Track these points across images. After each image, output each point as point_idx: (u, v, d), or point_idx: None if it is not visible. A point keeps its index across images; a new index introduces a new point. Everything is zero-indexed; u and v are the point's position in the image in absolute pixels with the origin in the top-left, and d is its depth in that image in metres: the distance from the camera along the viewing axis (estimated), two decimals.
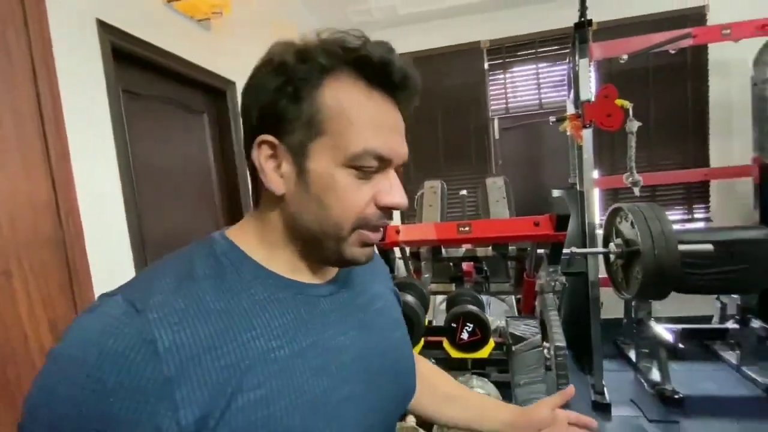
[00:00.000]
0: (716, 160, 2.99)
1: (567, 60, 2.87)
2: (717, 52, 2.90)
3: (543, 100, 3.26)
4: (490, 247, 1.86)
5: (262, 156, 0.41)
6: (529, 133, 3.32)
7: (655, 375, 2.36)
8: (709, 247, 1.60)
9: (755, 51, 2.59)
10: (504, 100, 3.33)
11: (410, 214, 3.50)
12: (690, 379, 2.43)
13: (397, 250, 1.75)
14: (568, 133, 2.73)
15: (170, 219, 1.61)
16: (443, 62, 3.36)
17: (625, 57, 2.30)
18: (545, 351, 1.18)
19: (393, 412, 0.51)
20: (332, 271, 0.49)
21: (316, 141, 0.40)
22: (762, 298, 2.53)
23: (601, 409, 2.18)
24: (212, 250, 0.42)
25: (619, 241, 1.72)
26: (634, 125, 2.05)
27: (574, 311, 2.29)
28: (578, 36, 2.24)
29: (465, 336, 1.13)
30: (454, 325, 1.14)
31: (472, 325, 1.12)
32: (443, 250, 1.89)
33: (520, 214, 2.17)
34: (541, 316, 1.89)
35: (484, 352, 1.15)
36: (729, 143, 2.98)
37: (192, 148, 1.78)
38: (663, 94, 3.04)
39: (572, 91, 2.52)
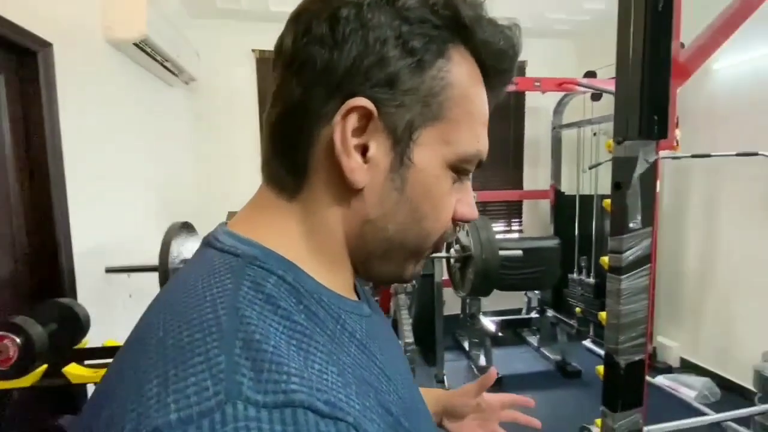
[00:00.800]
0: (528, 184, 3.78)
1: None
2: (531, 100, 3.68)
3: None
4: None
5: (348, 127, 0.27)
6: None
7: (482, 360, 2.82)
8: (519, 252, 2.01)
9: (555, 102, 3.40)
10: None
11: None
12: (506, 360, 2.98)
13: None
14: None
15: None
16: None
17: None
18: None
19: None
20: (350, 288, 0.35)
21: (429, 126, 0.29)
22: (554, 293, 3.29)
23: None
24: (261, 285, 0.25)
25: (458, 247, 2.00)
26: None
27: (422, 309, 2.55)
28: None
29: None
30: None
31: None
32: None
33: None
34: (395, 316, 2.05)
35: None
36: (536, 172, 3.80)
37: None
38: (494, 127, 3.68)
39: None
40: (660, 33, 0.95)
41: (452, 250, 2.05)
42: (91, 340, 1.26)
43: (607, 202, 1.09)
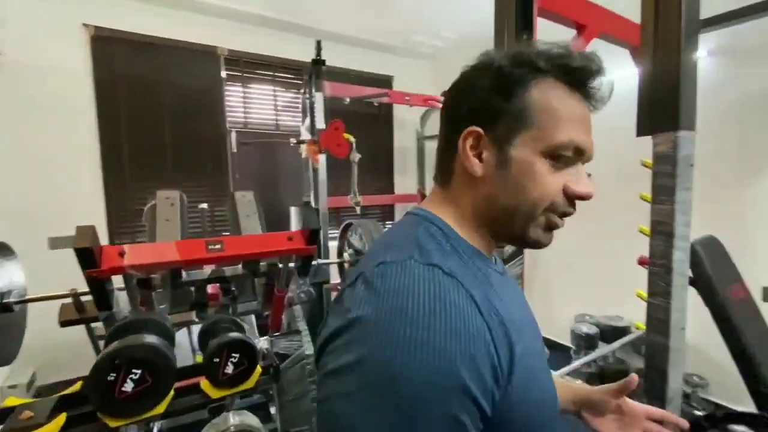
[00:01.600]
0: (399, 189, 4.11)
1: (303, 91, 3.17)
2: (399, 111, 4.01)
3: (279, 122, 3.43)
4: (240, 266, 1.75)
5: (467, 144, 0.47)
6: (265, 150, 3.40)
7: None
8: None
9: (419, 115, 3.79)
10: (243, 114, 3.26)
11: (135, 230, 2.81)
12: None
13: (116, 279, 1.34)
14: (303, 155, 2.99)
15: None
16: (178, 56, 2.94)
17: (348, 99, 2.79)
18: None
19: None
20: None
21: (522, 132, 0.45)
22: None
23: None
24: (429, 229, 0.47)
25: (351, 251, 2.03)
26: (356, 156, 2.50)
27: (311, 317, 2.50)
28: (314, 71, 2.52)
29: (230, 369, 1.00)
30: (216, 360, 0.98)
31: (237, 355, 1.00)
32: (184, 273, 1.61)
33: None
34: (289, 328, 1.95)
35: (250, 382, 1.05)
36: (405, 178, 4.15)
37: None
38: (368, 135, 3.89)
39: (307, 119, 2.80)
40: None
41: (345, 254, 2.07)
42: None
43: None
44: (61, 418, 0.83)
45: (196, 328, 1.72)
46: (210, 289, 1.73)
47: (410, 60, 4.03)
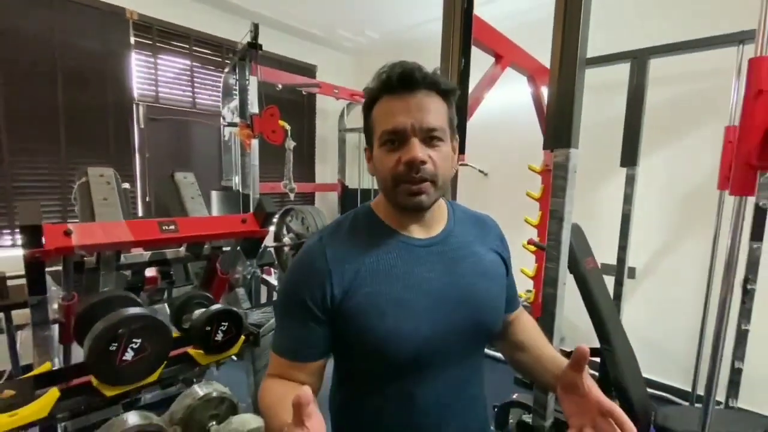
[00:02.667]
0: (319, 178, 4.21)
1: (226, 70, 3.04)
2: (321, 102, 4.09)
3: (197, 100, 3.22)
4: (183, 248, 1.71)
5: (366, 155, 0.69)
6: (180, 129, 3.17)
7: None
8: None
9: (341, 108, 3.93)
10: (154, 88, 2.98)
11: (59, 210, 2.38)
12: None
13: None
14: (226, 138, 2.90)
15: None
16: (76, 14, 2.55)
17: (280, 86, 2.81)
18: None
19: (467, 332, 0.66)
20: (435, 231, 0.69)
21: (374, 137, 0.64)
22: None
23: None
24: (350, 214, 0.71)
25: (291, 235, 2.13)
26: (291, 144, 2.56)
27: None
28: (250, 55, 2.49)
29: (220, 336, 1.06)
30: (208, 328, 1.04)
31: (227, 324, 1.07)
32: (121, 256, 1.52)
33: (164, 213, 2.05)
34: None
35: (235, 349, 1.13)
36: (326, 167, 4.27)
37: None
38: (291, 122, 3.87)
39: (234, 101, 2.73)
40: (463, 79, 1.47)
41: (286, 239, 2.15)
42: None
43: None
44: (54, 392, 0.80)
45: None
46: (148, 272, 1.66)
47: (334, 52, 4.13)
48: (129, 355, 0.86)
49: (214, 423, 1.14)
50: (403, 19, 3.43)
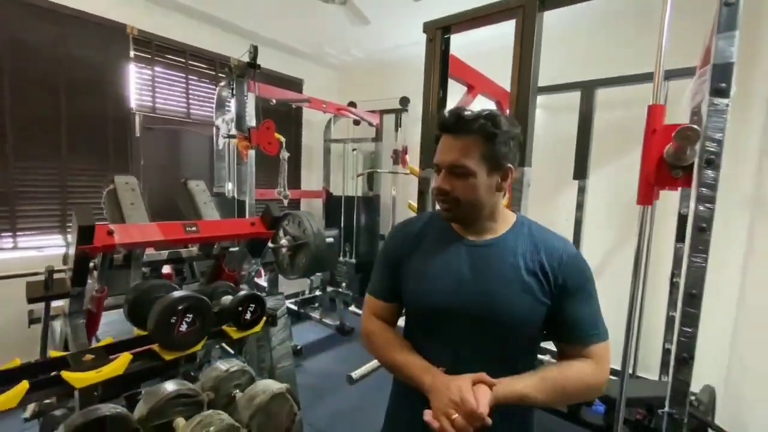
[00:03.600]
0: (305, 185, 4.43)
1: (221, 84, 3.24)
2: (307, 114, 4.34)
3: (191, 111, 3.40)
4: (196, 248, 1.92)
5: None
6: (173, 138, 3.33)
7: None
8: (332, 239, 2.60)
9: (326, 119, 4.19)
10: (151, 98, 3.14)
11: (16, 215, 2.49)
12: (300, 334, 3.51)
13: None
14: (221, 147, 3.09)
15: None
16: (81, 28, 2.70)
17: (274, 101, 3.04)
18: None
19: (479, 318, 0.78)
20: (485, 237, 0.84)
21: None
22: (330, 273, 4.08)
23: None
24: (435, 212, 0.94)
25: (289, 237, 2.36)
26: (285, 154, 2.80)
27: None
28: (249, 74, 2.72)
29: (248, 316, 1.28)
30: (240, 308, 1.26)
31: (254, 306, 1.30)
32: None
33: (156, 217, 2.21)
34: None
35: (259, 327, 1.35)
36: (311, 175, 4.50)
37: None
38: (280, 132, 4.10)
39: (230, 113, 2.93)
40: (441, 106, 1.77)
41: (283, 240, 2.38)
42: None
43: (413, 204, 1.84)
44: (127, 356, 1.01)
45: None
46: (165, 269, 1.86)
47: (319, 68, 4.40)
48: (183, 327, 1.08)
49: (237, 391, 1.37)
50: (385, 41, 3.75)
